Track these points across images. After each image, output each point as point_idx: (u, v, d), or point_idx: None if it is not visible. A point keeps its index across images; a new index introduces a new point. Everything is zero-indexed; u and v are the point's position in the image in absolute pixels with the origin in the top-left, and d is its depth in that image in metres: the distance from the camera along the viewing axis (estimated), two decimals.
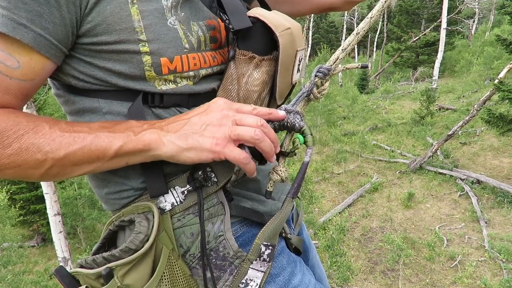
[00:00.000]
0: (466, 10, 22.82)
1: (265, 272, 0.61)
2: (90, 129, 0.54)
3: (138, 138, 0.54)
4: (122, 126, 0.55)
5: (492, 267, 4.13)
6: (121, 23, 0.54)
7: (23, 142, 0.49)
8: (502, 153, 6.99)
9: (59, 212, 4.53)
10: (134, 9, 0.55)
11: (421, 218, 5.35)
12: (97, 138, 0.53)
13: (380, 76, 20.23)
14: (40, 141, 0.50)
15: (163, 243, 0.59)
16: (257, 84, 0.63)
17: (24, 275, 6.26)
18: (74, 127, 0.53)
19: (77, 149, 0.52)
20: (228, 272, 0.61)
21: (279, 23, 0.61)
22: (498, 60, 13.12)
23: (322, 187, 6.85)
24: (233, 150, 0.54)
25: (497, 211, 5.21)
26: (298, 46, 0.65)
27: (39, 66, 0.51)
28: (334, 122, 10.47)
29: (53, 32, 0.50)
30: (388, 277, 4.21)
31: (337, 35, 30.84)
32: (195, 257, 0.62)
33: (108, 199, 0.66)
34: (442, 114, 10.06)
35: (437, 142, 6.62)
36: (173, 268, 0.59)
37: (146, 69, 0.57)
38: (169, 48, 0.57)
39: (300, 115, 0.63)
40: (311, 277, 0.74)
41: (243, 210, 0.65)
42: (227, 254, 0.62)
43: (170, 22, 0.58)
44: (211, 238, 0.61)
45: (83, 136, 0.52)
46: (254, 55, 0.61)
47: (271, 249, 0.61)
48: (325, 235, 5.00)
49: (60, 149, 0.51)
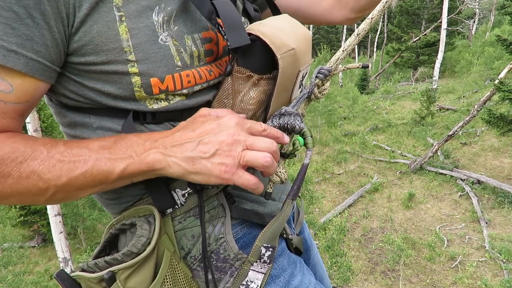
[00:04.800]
0: (467, 10, 22.82)
1: (266, 273, 0.61)
2: (90, 151, 0.51)
3: (141, 160, 0.52)
4: (123, 145, 0.52)
5: (492, 268, 4.12)
6: (108, 43, 0.51)
7: (23, 171, 0.47)
8: (503, 154, 6.99)
9: (60, 212, 4.53)
10: (123, 27, 0.52)
11: (422, 219, 5.35)
12: (98, 161, 0.51)
13: (381, 77, 20.22)
14: (40, 168, 0.48)
15: (165, 246, 0.59)
16: (252, 103, 0.60)
17: (25, 276, 6.26)
18: (73, 150, 0.51)
19: (79, 175, 0.50)
20: (229, 274, 0.62)
21: (281, 43, 0.55)
22: (498, 61, 13.11)
23: (322, 187, 6.85)
24: (242, 177, 0.52)
25: (498, 212, 5.21)
26: (301, 65, 0.60)
27: (32, 88, 0.50)
28: (334, 122, 10.46)
29: (46, 54, 0.49)
30: (389, 277, 4.21)
31: (337, 35, 30.84)
32: (196, 259, 0.62)
33: (108, 204, 0.66)
34: (442, 115, 10.06)
35: (437, 143, 6.62)
36: (174, 270, 0.59)
37: (136, 89, 0.55)
38: (159, 67, 0.55)
39: (300, 117, 0.62)
40: (311, 277, 0.74)
41: (244, 212, 0.65)
42: (227, 256, 0.62)
43: (162, 39, 0.55)
44: (212, 240, 0.61)
45: (83, 160, 0.50)
46: (252, 74, 0.58)
47: (272, 251, 0.61)
48: (325, 236, 5.00)
49: (61, 176, 0.49)
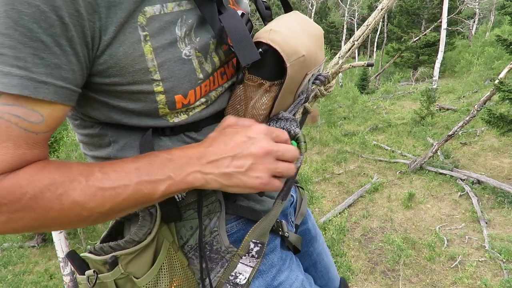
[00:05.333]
0: (467, 10, 22.82)
1: (254, 267, 0.66)
2: (127, 175, 0.51)
3: (181, 180, 0.53)
4: (158, 164, 0.53)
5: (492, 268, 4.13)
6: (134, 65, 0.51)
7: (64, 203, 0.48)
8: (503, 154, 6.99)
9: None
10: (148, 48, 0.51)
11: (422, 219, 5.35)
12: (139, 185, 0.51)
13: (380, 77, 20.23)
14: (82, 199, 0.48)
15: (164, 236, 0.63)
16: (264, 109, 0.62)
17: (25, 276, 6.26)
18: (110, 175, 0.51)
19: (122, 200, 0.51)
20: (220, 265, 0.67)
21: (292, 50, 0.57)
22: (498, 61, 13.11)
23: (322, 187, 6.85)
24: (274, 185, 0.56)
25: (498, 212, 5.21)
26: (310, 68, 0.62)
27: (61, 114, 0.50)
28: (334, 122, 10.47)
29: (73, 79, 0.48)
30: (389, 277, 4.21)
31: (337, 35, 30.84)
32: (192, 248, 0.67)
33: None
34: (442, 115, 10.06)
35: (437, 143, 6.62)
36: (172, 259, 0.64)
37: (160, 107, 0.56)
38: (183, 84, 0.56)
39: (296, 122, 0.65)
40: (298, 273, 0.76)
41: (239, 209, 0.68)
42: (219, 248, 0.66)
43: (185, 54, 0.55)
44: (207, 232, 0.66)
45: (124, 186, 0.51)
46: (263, 82, 0.60)
47: (260, 247, 0.66)
48: (325, 236, 5.00)
49: (104, 203, 0.50)
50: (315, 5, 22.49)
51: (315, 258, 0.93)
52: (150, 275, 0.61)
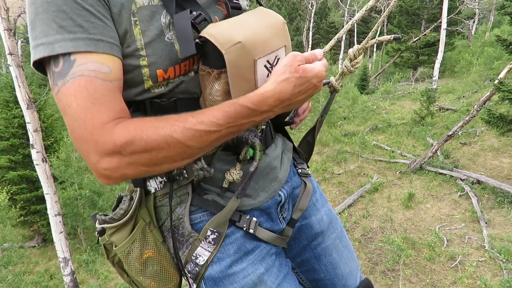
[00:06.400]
0: (466, 10, 22.81)
1: (212, 252, 0.78)
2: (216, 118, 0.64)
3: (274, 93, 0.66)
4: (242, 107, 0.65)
5: (492, 267, 4.13)
6: (128, 42, 0.64)
7: (170, 143, 0.60)
8: (502, 154, 7.00)
9: (60, 212, 4.54)
10: (137, 30, 0.64)
11: (421, 218, 5.36)
12: (241, 108, 0.64)
13: (380, 77, 20.24)
14: (183, 139, 0.61)
15: (142, 217, 0.79)
16: (218, 95, 0.69)
17: (25, 276, 6.27)
18: (201, 118, 0.63)
19: (215, 139, 0.64)
20: (185, 246, 0.79)
21: (226, 39, 0.64)
22: (498, 61, 13.11)
23: (322, 187, 6.83)
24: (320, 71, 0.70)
25: (497, 211, 5.22)
26: (258, 54, 0.67)
27: (119, 65, 0.62)
28: (334, 122, 10.48)
29: (117, 38, 0.62)
30: (388, 277, 4.22)
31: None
32: (167, 229, 0.81)
33: None
34: (442, 115, 10.07)
35: (437, 143, 6.63)
36: (145, 235, 0.79)
37: (145, 79, 0.67)
38: (164, 61, 0.67)
39: (254, 133, 0.77)
40: (260, 267, 0.81)
41: (203, 202, 0.79)
42: (184, 232, 0.79)
43: (168, 38, 0.67)
44: (176, 218, 0.79)
45: (215, 125, 0.63)
46: (211, 70, 0.67)
47: (217, 235, 0.78)
48: None
49: (202, 141, 0.62)
50: (315, 5, 22.51)
51: (319, 252, 0.97)
52: (124, 245, 0.78)
